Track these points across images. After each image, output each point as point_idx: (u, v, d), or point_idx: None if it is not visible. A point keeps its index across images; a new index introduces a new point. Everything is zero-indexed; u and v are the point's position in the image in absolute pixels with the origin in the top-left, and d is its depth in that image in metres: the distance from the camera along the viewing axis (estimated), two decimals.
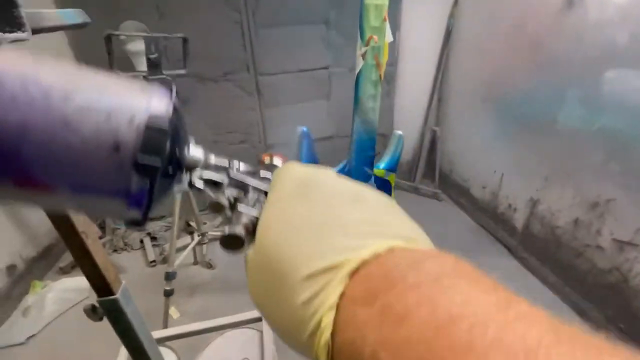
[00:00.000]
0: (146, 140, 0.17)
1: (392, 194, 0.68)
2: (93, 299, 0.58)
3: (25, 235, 1.75)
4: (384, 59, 0.56)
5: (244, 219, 0.20)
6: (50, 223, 0.46)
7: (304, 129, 0.56)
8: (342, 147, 2.37)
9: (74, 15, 0.62)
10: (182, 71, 1.14)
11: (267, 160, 0.27)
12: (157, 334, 1.08)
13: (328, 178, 0.20)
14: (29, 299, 1.61)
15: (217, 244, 2.01)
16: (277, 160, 0.27)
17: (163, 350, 1.08)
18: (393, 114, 2.40)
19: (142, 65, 1.03)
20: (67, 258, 1.92)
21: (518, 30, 1.68)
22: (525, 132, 1.72)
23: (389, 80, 2.29)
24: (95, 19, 0.64)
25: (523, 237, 1.79)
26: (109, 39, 0.94)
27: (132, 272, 1.83)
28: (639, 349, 0.11)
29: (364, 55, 0.54)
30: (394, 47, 2.19)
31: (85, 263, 0.51)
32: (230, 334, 1.07)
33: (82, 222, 0.48)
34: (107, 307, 0.56)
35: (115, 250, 1.99)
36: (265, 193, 0.22)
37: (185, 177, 0.21)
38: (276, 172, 0.21)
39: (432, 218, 2.24)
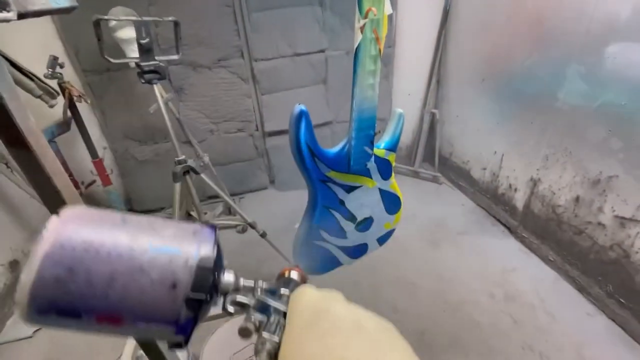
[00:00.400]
0: (196, 279, 0.21)
1: (392, 174, 0.67)
2: None
3: (26, 231, 1.74)
4: (384, 32, 0.54)
5: (268, 345, 0.24)
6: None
7: (302, 107, 0.54)
8: (341, 133, 2.35)
9: None
10: (175, 56, 1.10)
11: (286, 274, 0.32)
12: None
13: (336, 306, 0.24)
14: None
15: (220, 233, 2.01)
16: (294, 274, 0.31)
17: None
18: (391, 97, 2.37)
19: (133, 52, 1.00)
20: None
21: (518, 6, 1.64)
22: (525, 111, 1.70)
23: (386, 62, 2.24)
24: (84, 5, 0.61)
25: (523, 217, 1.79)
26: (97, 24, 0.91)
27: None
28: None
29: (362, 29, 0.51)
30: (391, 28, 2.14)
31: (43, 184, 0.50)
32: (231, 322, 1.07)
33: (70, 197, 0.47)
34: None
35: None
36: (285, 314, 0.26)
37: (220, 300, 0.25)
38: (292, 297, 0.26)
39: (432, 201, 2.24)
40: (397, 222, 0.77)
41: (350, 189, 0.62)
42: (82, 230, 0.20)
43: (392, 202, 0.71)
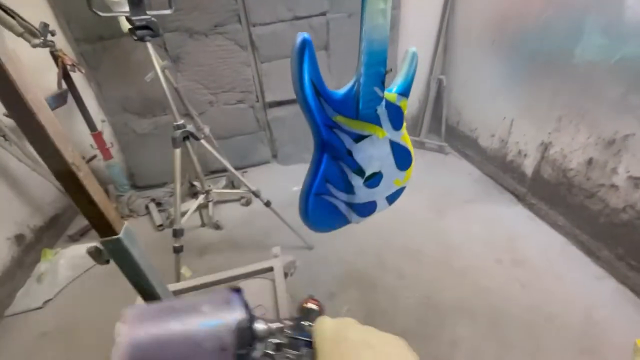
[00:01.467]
0: (238, 338, 0.27)
1: (404, 124, 0.63)
2: None
3: (31, 206, 1.74)
4: None
5: None
6: (54, 194, 0.42)
7: (305, 35, 0.49)
8: None
9: None
10: (168, 11, 1.04)
11: (306, 305, 0.36)
12: (171, 287, 1.09)
13: (351, 331, 0.29)
14: (42, 266, 1.63)
15: (223, 206, 2.00)
16: (312, 305, 0.35)
17: None
18: (396, 62, 2.27)
19: (123, 6, 0.93)
20: (75, 226, 1.92)
21: None
22: (537, 72, 1.62)
23: (391, 26, 2.13)
24: None
25: (532, 183, 1.75)
26: None
27: (140, 237, 1.81)
28: None
29: None
30: None
31: (82, 200, 0.47)
32: (243, 283, 1.07)
33: (72, 154, 0.44)
34: (110, 248, 0.53)
35: (122, 218, 1.98)
36: (310, 343, 0.30)
37: (260, 346, 0.30)
38: (315, 330, 0.30)
39: (439, 171, 2.20)
40: (407, 180, 0.73)
41: (358, 138, 0.57)
42: (146, 329, 0.25)
43: (403, 156, 0.67)
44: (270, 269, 1.06)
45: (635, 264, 1.30)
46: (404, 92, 0.59)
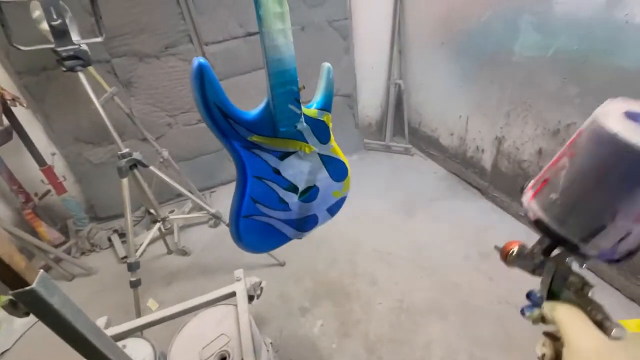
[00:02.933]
0: None
1: (331, 137, 0.62)
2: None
3: None
4: None
5: None
6: None
7: (200, 60, 0.47)
8: None
9: None
10: (99, 39, 1.00)
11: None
12: (129, 324, 1.03)
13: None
14: None
15: (191, 229, 1.93)
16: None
17: (137, 341, 1.04)
18: (354, 71, 2.31)
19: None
20: None
21: None
22: (485, 70, 1.68)
23: (345, 36, 2.17)
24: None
25: (492, 176, 1.81)
26: None
27: (104, 271, 1.74)
28: None
29: None
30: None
31: None
32: (204, 313, 1.03)
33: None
34: (25, 300, 0.49)
35: (83, 253, 1.88)
36: None
37: None
38: None
39: (406, 173, 2.23)
40: (346, 190, 0.72)
41: (283, 155, 0.56)
42: None
43: (336, 168, 0.66)
44: (232, 294, 1.02)
45: None
46: (325, 107, 0.58)
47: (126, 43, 1.74)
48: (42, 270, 0.53)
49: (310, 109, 0.55)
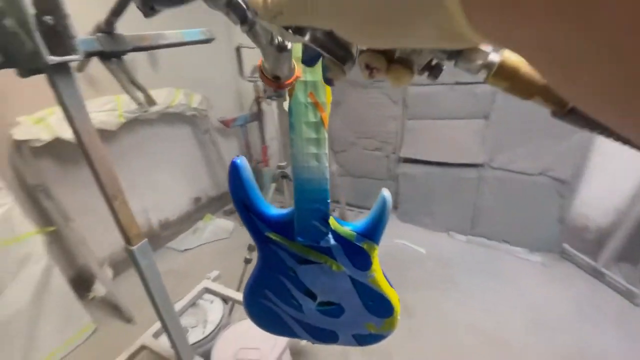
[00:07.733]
0: None
1: (373, 267, 0.51)
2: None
3: (213, 179, 2.49)
4: (327, 99, 0.43)
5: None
6: None
7: (236, 160, 0.47)
8: (491, 180, 1.91)
9: (196, 34, 0.83)
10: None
11: None
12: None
13: None
14: (200, 224, 2.32)
15: None
16: None
17: (212, 298, 1.32)
18: (587, 152, 1.68)
19: None
20: (232, 204, 2.60)
21: None
22: None
23: None
24: None
25: None
26: None
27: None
28: None
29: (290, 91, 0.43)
30: None
31: (116, 218, 0.72)
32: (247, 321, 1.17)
33: (112, 187, 0.69)
34: (129, 255, 0.77)
35: None
36: None
37: None
38: None
39: (611, 328, 1.47)
40: (387, 330, 0.56)
41: (302, 261, 0.52)
42: None
43: (375, 301, 0.52)
44: None
45: None
46: (368, 235, 0.48)
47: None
48: (145, 239, 0.80)
49: (346, 228, 0.47)
